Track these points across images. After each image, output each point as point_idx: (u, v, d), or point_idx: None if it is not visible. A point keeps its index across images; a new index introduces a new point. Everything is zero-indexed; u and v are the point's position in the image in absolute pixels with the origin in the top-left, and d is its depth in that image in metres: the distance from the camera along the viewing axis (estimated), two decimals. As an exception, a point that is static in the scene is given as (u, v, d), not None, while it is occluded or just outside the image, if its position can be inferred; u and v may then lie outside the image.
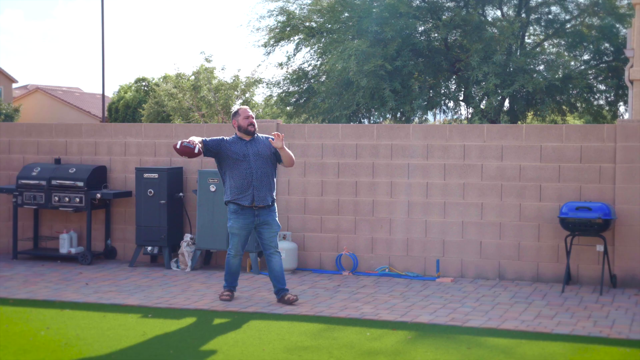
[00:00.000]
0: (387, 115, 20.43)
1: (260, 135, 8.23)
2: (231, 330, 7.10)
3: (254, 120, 8.15)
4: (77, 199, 10.39)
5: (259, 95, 30.95)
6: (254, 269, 9.79)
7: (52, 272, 9.87)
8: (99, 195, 10.36)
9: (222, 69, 39.72)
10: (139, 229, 10.28)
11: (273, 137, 7.99)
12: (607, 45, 20.25)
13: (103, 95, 33.13)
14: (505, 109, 20.83)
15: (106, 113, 39.42)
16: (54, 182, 10.46)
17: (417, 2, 20.30)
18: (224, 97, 28.58)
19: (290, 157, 8.14)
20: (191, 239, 10.15)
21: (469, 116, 20.56)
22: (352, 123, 19.47)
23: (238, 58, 73.17)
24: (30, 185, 10.54)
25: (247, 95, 29.65)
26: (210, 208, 9.97)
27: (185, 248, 10.06)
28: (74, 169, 10.53)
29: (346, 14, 20.54)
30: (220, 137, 8.16)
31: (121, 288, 8.87)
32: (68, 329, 7.03)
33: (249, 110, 8.19)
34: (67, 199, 10.42)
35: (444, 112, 21.99)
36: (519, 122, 20.47)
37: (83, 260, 10.37)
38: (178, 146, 7.85)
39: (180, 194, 10.37)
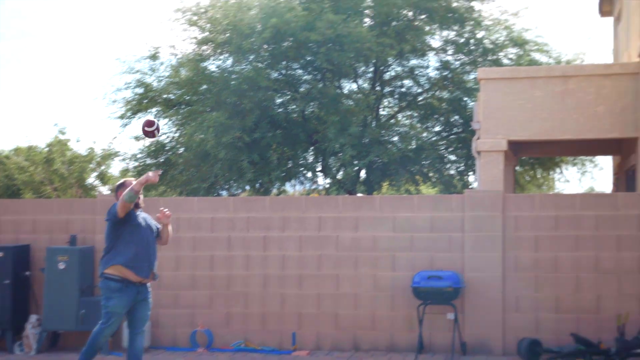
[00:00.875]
0: (246, 187, 20.35)
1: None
2: (77, 417, 6.73)
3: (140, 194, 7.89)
4: None
5: (116, 167, 30.29)
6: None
7: None
8: (-64, 276, 9.73)
9: (77, 141, 38.76)
10: (-20, 310, 9.70)
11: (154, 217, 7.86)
12: (456, 117, 21.06)
13: (-51, 168, 31.52)
14: (361, 179, 21.22)
15: (-48, 186, 37.47)
16: None
17: (276, 75, 20.57)
18: (79, 170, 27.78)
19: (169, 235, 7.96)
20: (37, 320, 9.66)
21: (327, 186, 20.81)
22: (210, 195, 19.33)
23: (94, 130, 71.42)
24: None
25: (102, 167, 28.95)
26: (58, 287, 9.54)
27: (31, 330, 9.56)
28: None
29: (205, 86, 20.53)
30: None
31: (-42, 376, 8.30)
32: None
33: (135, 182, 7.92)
34: None
35: (302, 182, 22.15)
36: (375, 192, 20.90)
37: None
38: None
39: (27, 272, 9.90)
